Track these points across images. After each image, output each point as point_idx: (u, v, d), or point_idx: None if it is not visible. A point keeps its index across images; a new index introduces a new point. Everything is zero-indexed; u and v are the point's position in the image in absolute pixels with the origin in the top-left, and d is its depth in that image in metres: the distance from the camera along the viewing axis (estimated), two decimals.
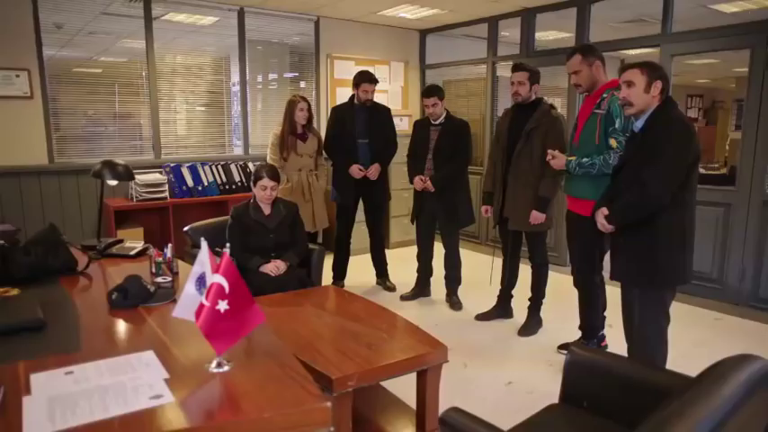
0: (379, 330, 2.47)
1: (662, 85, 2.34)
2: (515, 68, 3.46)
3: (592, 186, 2.85)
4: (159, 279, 2.16)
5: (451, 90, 6.48)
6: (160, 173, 4.74)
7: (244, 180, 5.10)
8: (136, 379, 1.36)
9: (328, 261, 4.16)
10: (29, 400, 1.25)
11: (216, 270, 1.34)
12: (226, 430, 1.19)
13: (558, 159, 3.00)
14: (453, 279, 4.18)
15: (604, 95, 2.89)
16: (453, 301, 4.14)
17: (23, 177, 4.37)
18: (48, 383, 1.33)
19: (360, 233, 4.69)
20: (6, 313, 1.78)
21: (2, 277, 2.14)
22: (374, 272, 4.66)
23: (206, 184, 4.88)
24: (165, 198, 4.65)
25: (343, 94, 5.97)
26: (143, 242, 2.84)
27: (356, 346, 2.28)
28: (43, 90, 4.38)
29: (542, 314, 3.70)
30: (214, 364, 1.42)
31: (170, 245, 2.29)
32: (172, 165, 4.80)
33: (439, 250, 4.26)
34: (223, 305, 1.32)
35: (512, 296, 3.86)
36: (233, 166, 5.10)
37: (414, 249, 4.44)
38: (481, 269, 4.76)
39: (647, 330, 2.38)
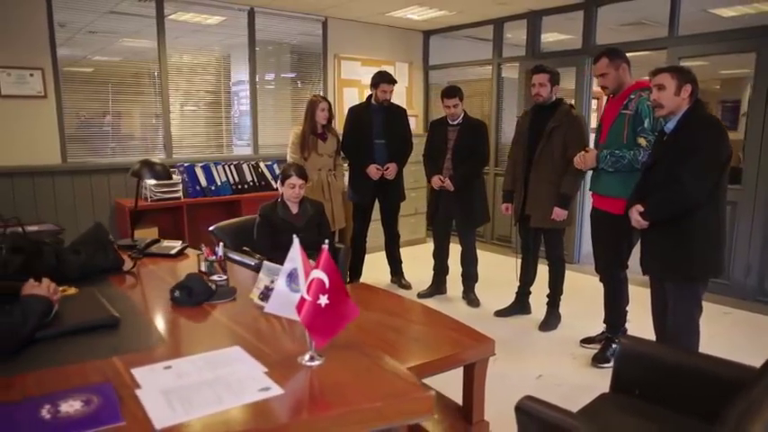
0: (421, 325, 2.53)
1: (691, 88, 2.44)
2: (536, 70, 3.55)
3: (620, 184, 2.95)
4: (215, 277, 2.18)
5: None
6: (173, 173, 4.72)
7: (256, 180, 5.11)
8: (236, 372, 1.40)
9: None
10: (143, 393, 1.28)
11: (316, 266, 1.39)
12: (341, 420, 1.23)
13: (590, 154, 3.08)
14: (470, 276, 4.26)
15: (632, 96, 2.98)
16: (470, 298, 4.22)
17: (37, 177, 4.33)
18: (152, 378, 1.36)
19: (371, 231, 4.73)
20: (77, 311, 1.80)
21: (56, 277, 2.15)
22: (388, 270, 4.72)
23: (219, 183, 4.88)
24: (179, 198, 4.65)
25: (350, 95, 6.03)
26: (181, 242, 2.85)
27: (404, 340, 2.34)
28: (57, 89, 4.35)
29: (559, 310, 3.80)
30: (307, 357, 1.46)
31: (221, 244, 2.32)
32: (186, 164, 4.79)
33: (454, 249, 4.33)
34: (324, 300, 1.37)
35: (530, 293, 3.95)
36: (245, 166, 5.10)
37: (422, 247, 4.53)
38: (490, 267, 4.84)
39: (682, 322, 2.48)
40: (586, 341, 3.42)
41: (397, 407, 1.29)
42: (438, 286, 4.41)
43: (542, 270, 3.88)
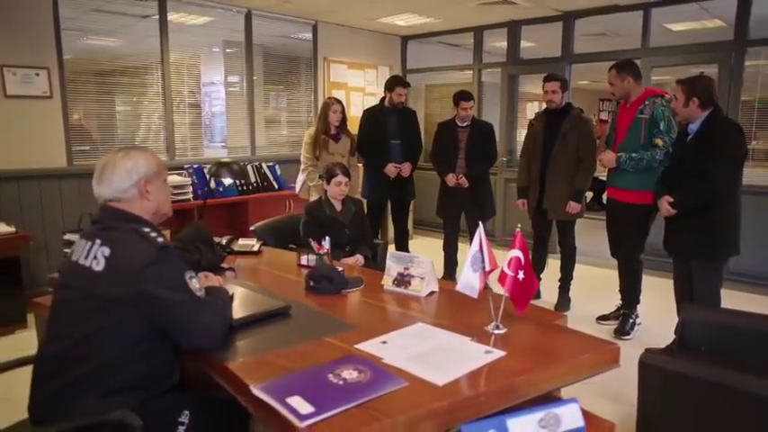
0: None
1: (699, 100, 2.89)
2: (548, 79, 3.94)
3: (638, 178, 3.39)
4: None
5: (434, 94, 6.94)
6: (181, 174, 4.69)
7: (259, 181, 5.15)
8: (450, 342, 1.60)
9: None
10: (391, 362, 1.45)
11: (512, 246, 1.63)
12: (558, 373, 1.47)
13: (608, 155, 3.49)
14: None
15: (646, 103, 3.41)
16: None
17: (43, 180, 4.16)
18: (382, 350, 1.53)
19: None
20: (244, 302, 1.91)
21: None
22: None
23: (226, 185, 4.89)
24: (189, 200, 4.62)
25: (338, 97, 6.18)
26: (255, 239, 2.95)
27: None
28: (62, 90, 4.20)
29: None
30: (492, 326, 1.70)
31: (327, 238, 2.47)
32: (195, 166, 4.77)
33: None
34: (521, 274, 1.61)
35: (540, 279, 4.34)
36: (249, 167, 5.13)
37: (416, 244, 4.81)
38: None
39: (708, 293, 2.94)
40: (602, 318, 3.85)
41: (597, 358, 1.56)
42: (450, 279, 4.70)
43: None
